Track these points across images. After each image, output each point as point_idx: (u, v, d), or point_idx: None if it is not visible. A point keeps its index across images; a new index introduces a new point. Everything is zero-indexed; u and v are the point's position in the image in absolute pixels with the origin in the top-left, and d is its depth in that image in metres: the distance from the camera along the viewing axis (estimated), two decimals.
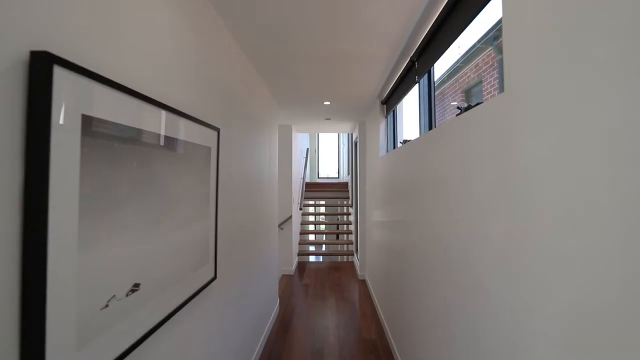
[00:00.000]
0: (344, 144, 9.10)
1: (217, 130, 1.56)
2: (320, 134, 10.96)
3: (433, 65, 1.99)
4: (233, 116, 1.90)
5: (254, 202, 2.48)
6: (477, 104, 1.34)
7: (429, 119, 2.09)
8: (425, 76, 2.14)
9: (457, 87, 5.66)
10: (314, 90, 3.13)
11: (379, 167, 3.36)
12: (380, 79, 2.79)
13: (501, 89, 4.12)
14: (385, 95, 3.12)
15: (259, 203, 2.67)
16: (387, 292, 2.94)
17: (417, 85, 2.27)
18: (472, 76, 5.12)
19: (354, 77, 2.74)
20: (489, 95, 4.48)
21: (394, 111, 3.23)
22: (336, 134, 11.20)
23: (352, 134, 6.36)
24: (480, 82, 4.81)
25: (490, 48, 4.38)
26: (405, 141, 2.58)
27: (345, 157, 8.67)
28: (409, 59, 2.16)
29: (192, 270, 1.29)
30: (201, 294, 1.41)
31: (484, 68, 4.63)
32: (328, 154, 11.12)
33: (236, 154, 1.96)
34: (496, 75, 4.35)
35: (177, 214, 1.16)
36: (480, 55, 4.72)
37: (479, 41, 4.58)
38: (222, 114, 1.69)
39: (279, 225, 4.66)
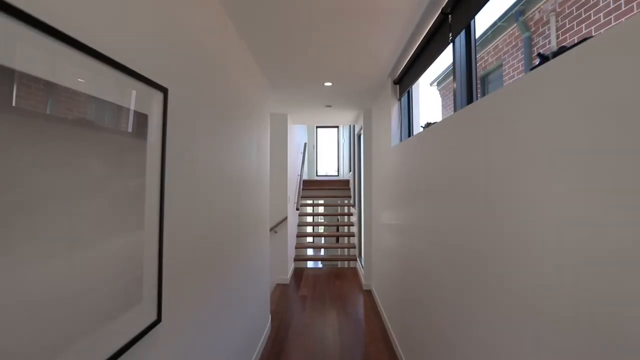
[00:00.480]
0: (344, 139, 8.57)
1: (163, 91, 1.01)
2: (318, 130, 10.42)
3: (475, 15, 1.45)
4: (198, 80, 1.36)
5: (237, 201, 1.93)
6: (584, 40, 0.81)
7: (469, 90, 1.55)
8: (462, 34, 1.60)
9: None
10: (313, 65, 2.58)
11: (390, 160, 2.82)
12: (394, 47, 2.25)
13: (528, 71, 3.60)
14: (399, 73, 2.57)
15: (245, 203, 2.13)
16: (400, 308, 2.40)
17: (448, 50, 1.73)
18: (489, 60, 4.59)
19: (363, 45, 2.19)
20: (511, 81, 3.94)
21: (408, 92, 2.69)
22: (335, 130, 10.66)
23: (354, 126, 5.81)
24: (500, 66, 4.29)
25: (515, 25, 3.85)
26: (428, 124, 2.04)
27: (345, 153, 8.13)
28: (440, 11, 1.62)
29: (105, 319, 0.75)
30: (130, 352, 0.86)
31: (505, 50, 4.10)
32: (327, 150, 10.58)
33: (205, 136, 1.42)
34: (520, 57, 3.83)
35: (55, 228, 0.61)
36: (501, 36, 4.19)
37: (499, 19, 4.05)
38: (176, 70, 1.14)
39: (272, 229, 4.12)
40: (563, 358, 0.74)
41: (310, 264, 5.41)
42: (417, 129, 2.64)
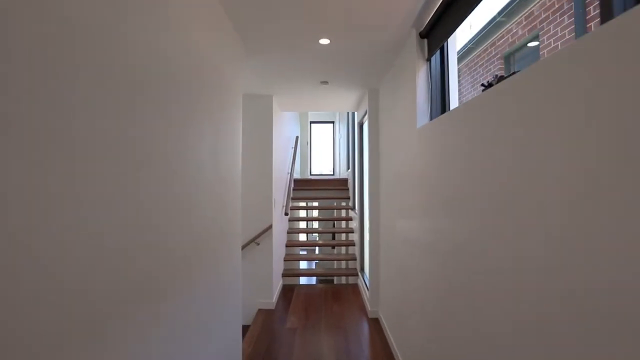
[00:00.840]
0: (340, 134, 7.74)
1: None
2: (312, 125, 9.55)
3: None
4: None
5: (176, 213, 1.08)
6: None
7: None
8: None
9: (493, 53, 4.33)
10: (305, 9, 1.74)
11: (414, 148, 1.99)
12: None
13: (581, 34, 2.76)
14: (429, 19, 1.74)
15: (193, 214, 1.28)
16: (425, 349, 1.57)
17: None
18: (519, 33, 3.80)
19: None
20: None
21: (442, 50, 1.86)
22: (331, 126, 9.81)
23: (354, 115, 4.97)
24: (536, 37, 3.49)
25: None
26: (499, 78, 1.20)
27: (342, 150, 7.30)
28: None
29: None
30: None
31: (545, 16, 3.31)
32: (322, 147, 9.74)
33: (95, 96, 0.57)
34: (567, 22, 3.03)
35: None
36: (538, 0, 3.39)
37: None
38: None
39: (253, 240, 3.26)
40: None
41: (303, 279, 4.56)
42: (455, 101, 1.81)
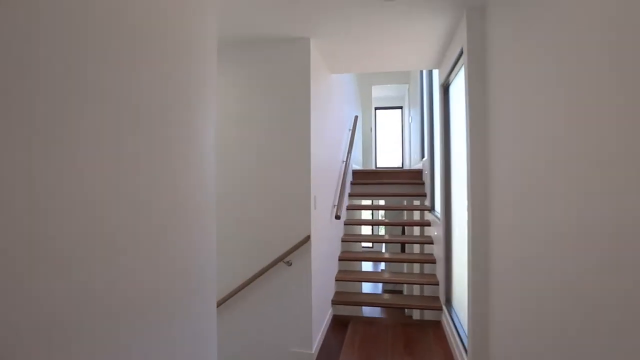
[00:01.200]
0: (411, 117, 6.32)
1: None
2: (377, 112, 8.22)
3: None
4: None
5: None
6: None
7: None
8: None
9: None
10: None
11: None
12: None
13: None
14: None
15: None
16: None
17: None
18: None
19: None
20: None
21: None
22: (399, 112, 8.36)
23: (431, 81, 3.60)
24: None
25: None
26: None
27: (414, 137, 5.90)
28: None
29: None
30: None
31: None
32: (388, 138, 8.39)
33: None
34: None
35: None
36: None
37: None
38: None
39: (283, 259, 2.22)
40: None
41: (365, 309, 3.43)
42: None
